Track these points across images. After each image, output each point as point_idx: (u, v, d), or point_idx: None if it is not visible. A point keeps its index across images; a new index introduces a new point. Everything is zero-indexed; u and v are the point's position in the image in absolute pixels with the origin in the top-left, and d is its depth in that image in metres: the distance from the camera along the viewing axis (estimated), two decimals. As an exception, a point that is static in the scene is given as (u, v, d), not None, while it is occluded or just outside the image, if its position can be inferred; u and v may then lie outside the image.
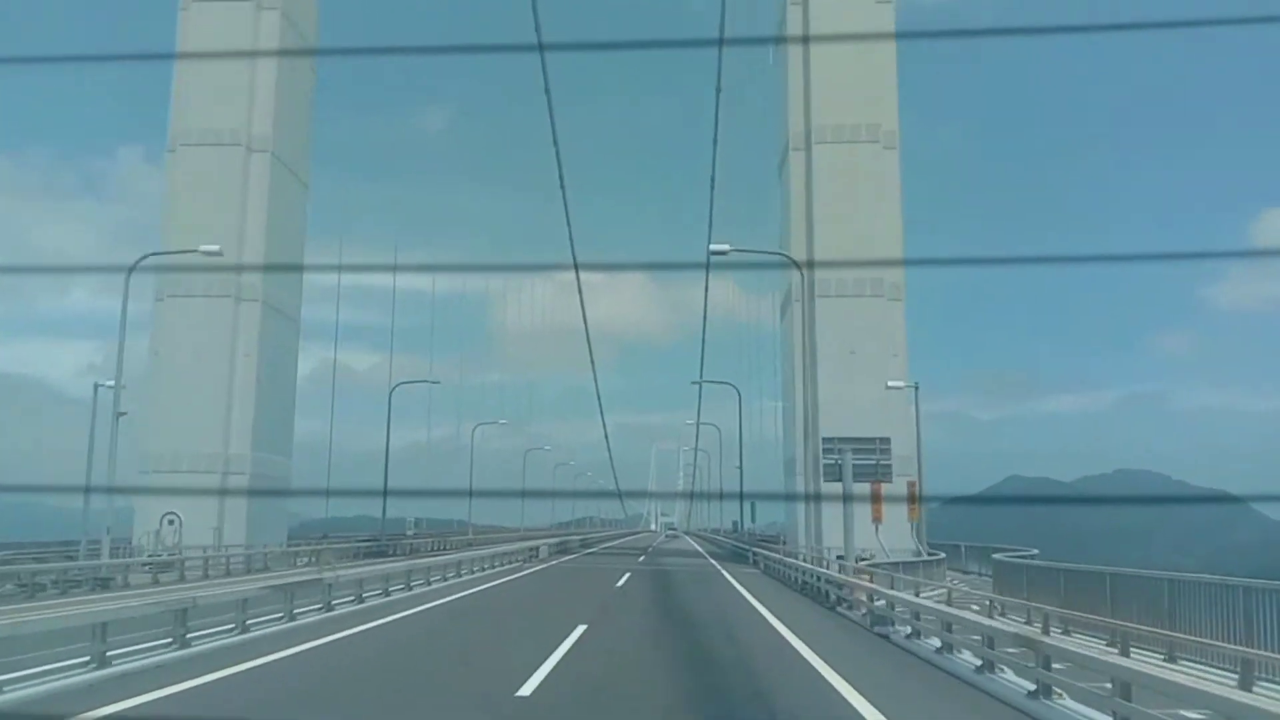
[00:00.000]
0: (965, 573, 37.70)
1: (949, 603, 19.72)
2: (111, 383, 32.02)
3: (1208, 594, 12.87)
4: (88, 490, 31.81)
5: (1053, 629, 16.50)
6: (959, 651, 13.41)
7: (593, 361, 50.39)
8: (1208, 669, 11.77)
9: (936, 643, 14.43)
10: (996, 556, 28.34)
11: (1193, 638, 12.58)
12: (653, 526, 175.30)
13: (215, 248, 32.69)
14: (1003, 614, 19.49)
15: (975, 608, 20.60)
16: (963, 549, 41.98)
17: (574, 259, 35.22)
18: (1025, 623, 17.30)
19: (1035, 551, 32.61)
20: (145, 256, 35.96)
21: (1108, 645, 14.24)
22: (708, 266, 45.78)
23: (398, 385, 57.19)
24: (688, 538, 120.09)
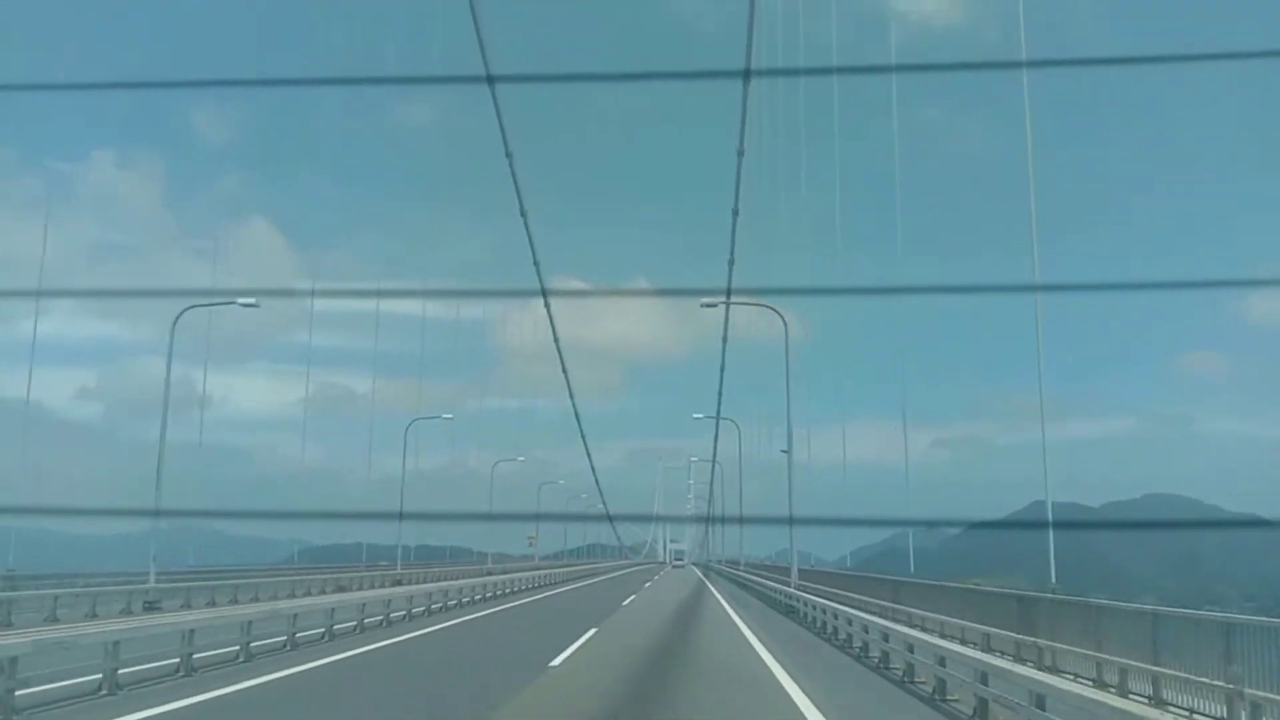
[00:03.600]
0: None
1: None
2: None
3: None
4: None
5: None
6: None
7: (568, 380, 51.22)
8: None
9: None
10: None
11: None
12: (660, 557, 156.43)
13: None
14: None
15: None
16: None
17: (541, 287, 36.15)
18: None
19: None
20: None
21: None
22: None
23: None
24: (715, 590, 53.93)
